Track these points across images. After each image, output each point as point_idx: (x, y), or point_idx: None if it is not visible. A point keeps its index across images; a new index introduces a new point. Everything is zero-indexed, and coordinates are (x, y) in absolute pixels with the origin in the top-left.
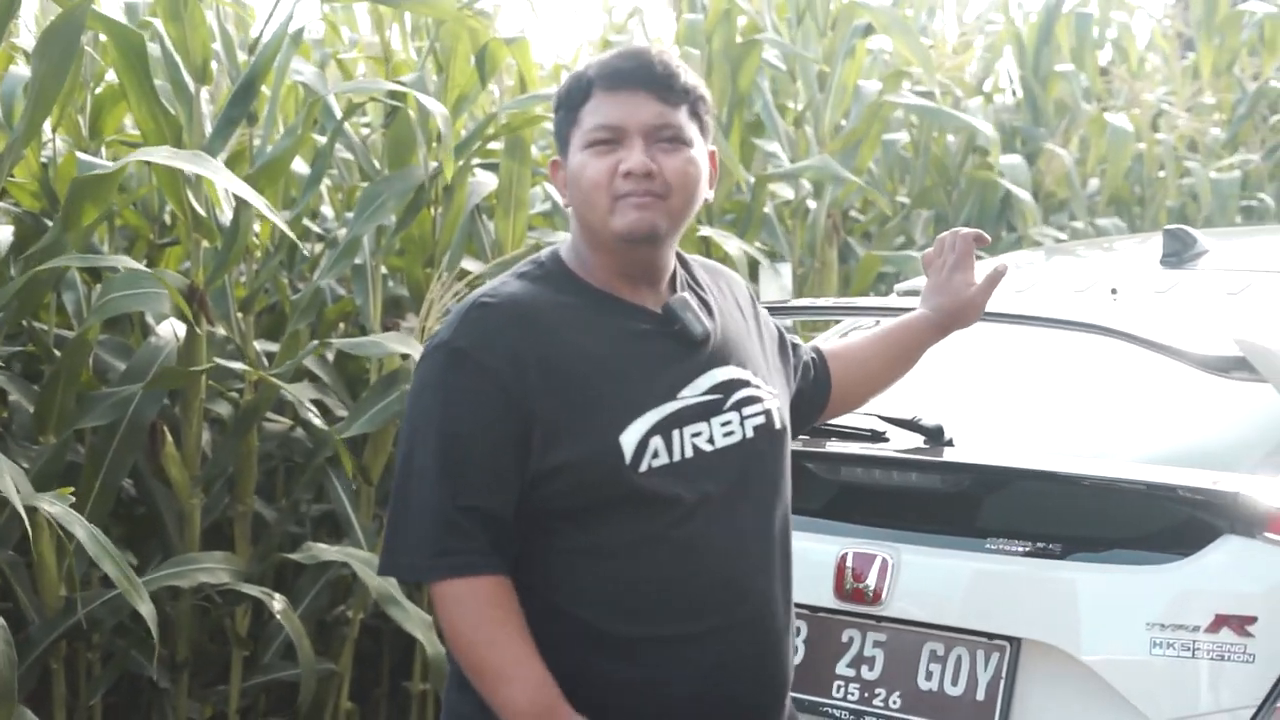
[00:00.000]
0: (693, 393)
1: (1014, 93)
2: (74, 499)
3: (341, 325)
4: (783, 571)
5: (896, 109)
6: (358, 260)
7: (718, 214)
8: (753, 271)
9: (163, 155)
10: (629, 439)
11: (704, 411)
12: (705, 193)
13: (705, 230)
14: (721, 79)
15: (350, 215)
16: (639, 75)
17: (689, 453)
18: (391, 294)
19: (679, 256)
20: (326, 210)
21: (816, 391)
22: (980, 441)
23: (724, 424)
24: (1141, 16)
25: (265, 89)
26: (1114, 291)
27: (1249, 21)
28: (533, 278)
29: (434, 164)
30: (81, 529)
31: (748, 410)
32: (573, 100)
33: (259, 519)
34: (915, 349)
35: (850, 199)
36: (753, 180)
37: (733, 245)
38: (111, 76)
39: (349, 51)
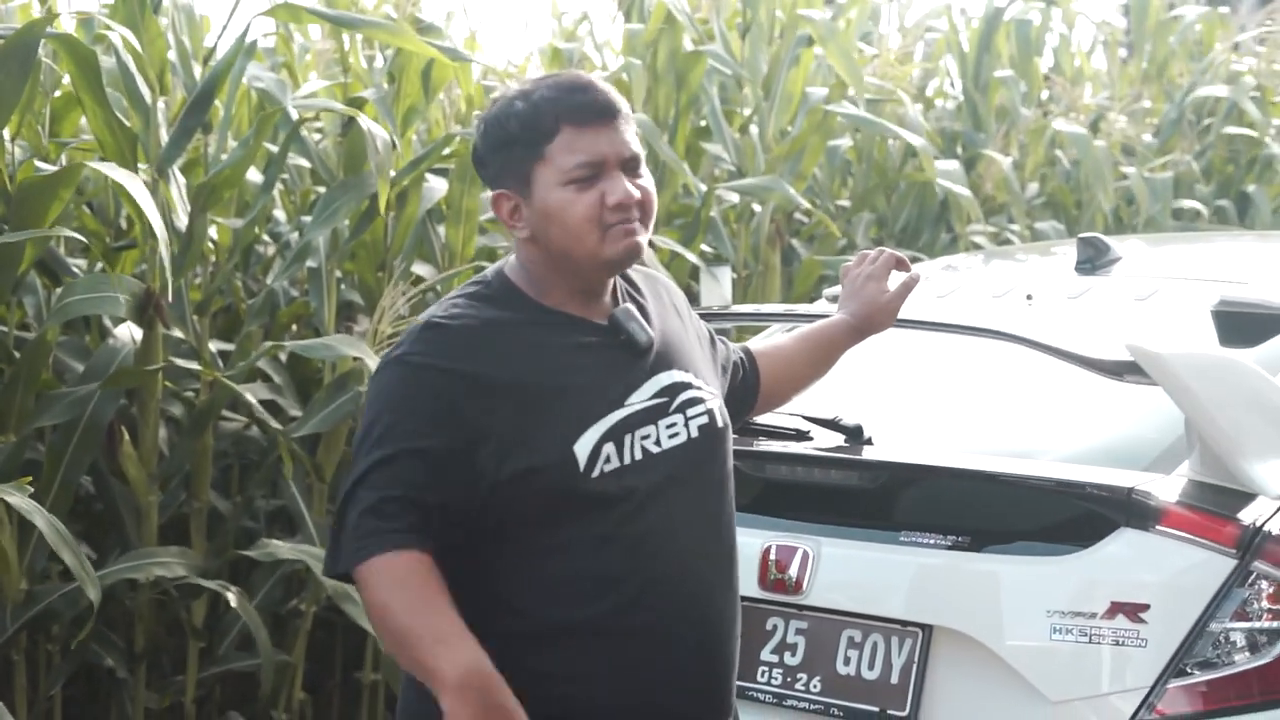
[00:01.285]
0: (640, 398)
1: (958, 98)
2: (33, 490)
3: (294, 327)
4: (728, 564)
5: (855, 120)
6: (313, 264)
7: (665, 219)
8: (694, 276)
9: (109, 169)
10: (582, 447)
11: (651, 415)
12: None
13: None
14: (668, 88)
15: (305, 219)
16: (605, 108)
17: (638, 455)
18: (344, 298)
19: None
20: (279, 214)
21: (745, 390)
22: (897, 440)
23: (669, 425)
24: (1085, 23)
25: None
26: (1029, 297)
27: (1182, 28)
28: (482, 298)
29: (391, 172)
30: (42, 519)
31: (692, 411)
32: (533, 136)
33: (215, 515)
34: (834, 351)
35: (795, 203)
36: (704, 188)
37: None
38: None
39: (302, 57)
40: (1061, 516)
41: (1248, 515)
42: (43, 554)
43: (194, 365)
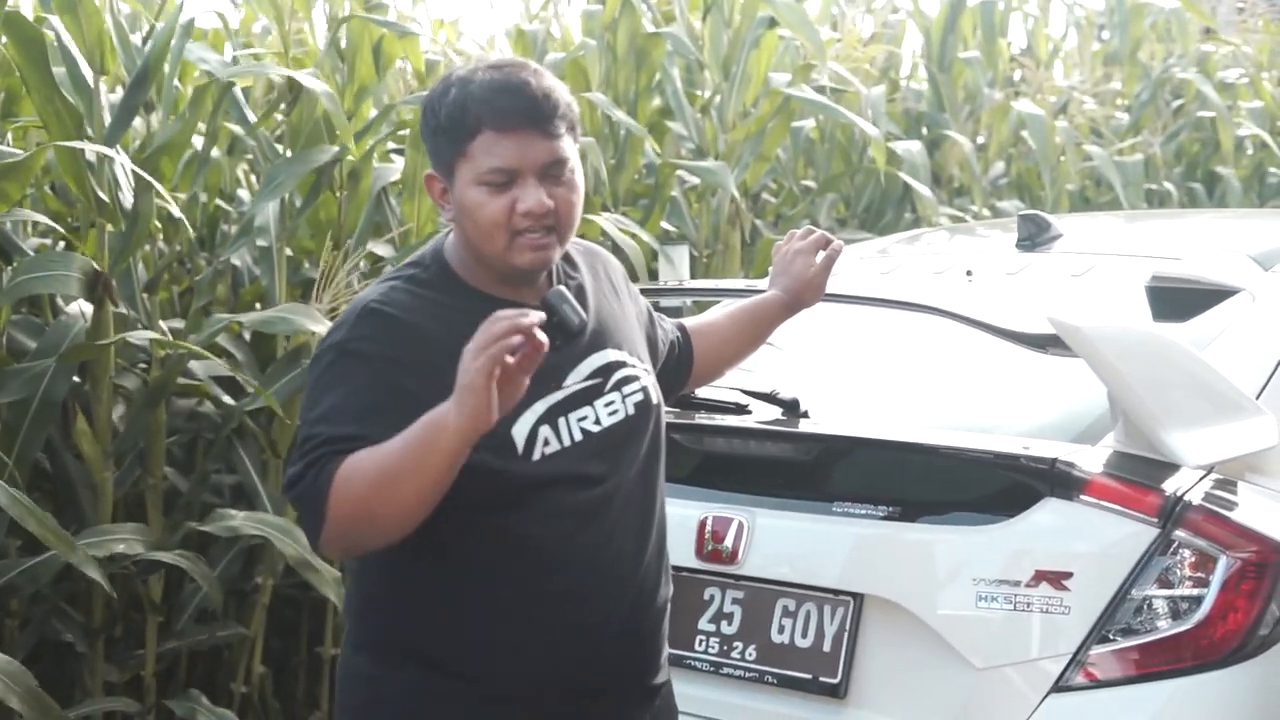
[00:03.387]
0: (575, 379)
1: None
2: None
3: (258, 305)
4: (659, 536)
5: (808, 104)
6: (263, 242)
7: (629, 198)
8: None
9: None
10: (519, 430)
11: (588, 396)
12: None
13: (605, 217)
14: (628, 69)
15: None
16: (528, 115)
17: (577, 436)
18: (306, 277)
19: None
20: (244, 194)
21: (680, 366)
22: (832, 414)
23: (607, 404)
24: (1058, 4)
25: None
26: (969, 274)
27: (1154, 11)
28: (418, 281)
29: (335, 148)
30: (3, 494)
31: (628, 389)
32: (457, 132)
33: (175, 491)
34: (767, 327)
35: (761, 182)
36: (657, 160)
37: (609, 224)
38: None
39: (264, 39)
40: (989, 487)
41: (1170, 485)
42: (1, 529)
43: (146, 337)
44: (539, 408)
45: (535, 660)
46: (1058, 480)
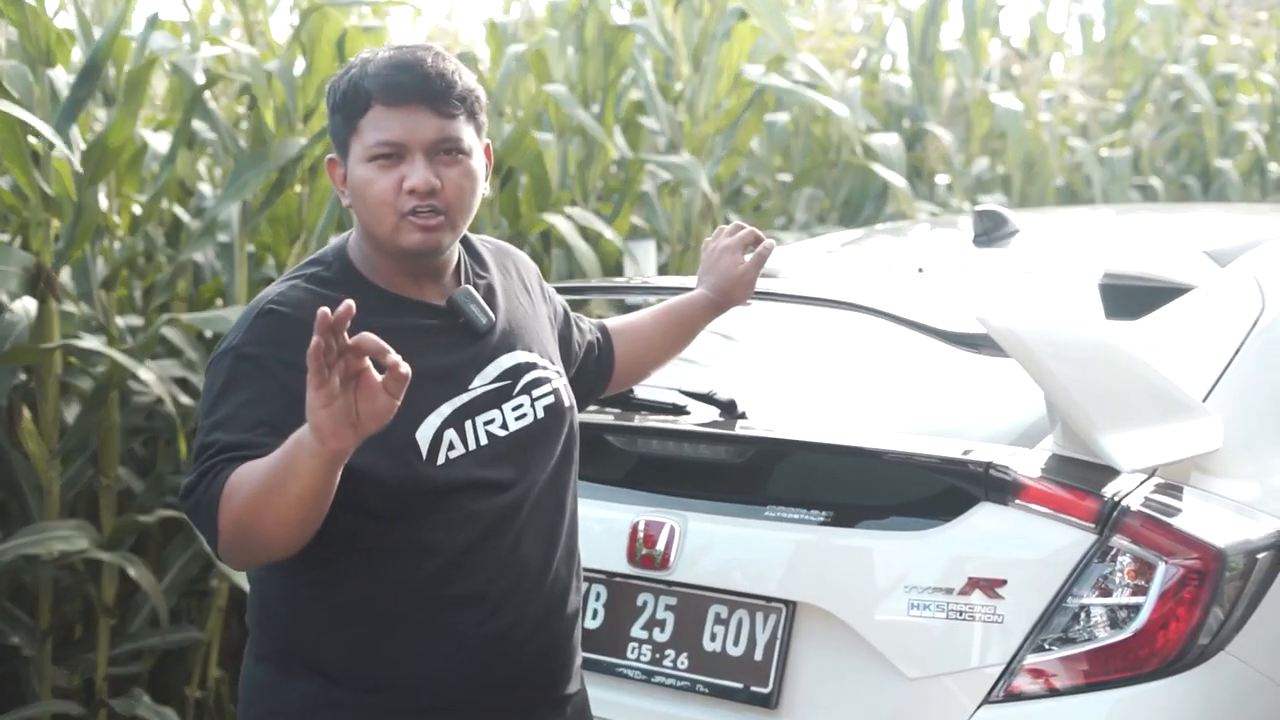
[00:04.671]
0: (482, 381)
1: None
2: None
3: (219, 302)
4: (571, 540)
5: (780, 91)
6: (225, 238)
7: (597, 192)
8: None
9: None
10: (424, 434)
11: (495, 398)
12: (483, 190)
13: (570, 213)
14: (596, 61)
15: None
16: (418, 90)
17: (483, 440)
18: (266, 275)
19: (465, 240)
20: (205, 189)
21: (600, 368)
22: (770, 415)
23: (515, 408)
24: None
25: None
26: (920, 270)
27: (1148, 4)
28: (320, 280)
29: (300, 142)
30: None
31: (537, 392)
32: (350, 109)
33: (132, 491)
34: (694, 326)
35: (740, 177)
36: (627, 154)
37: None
38: None
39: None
40: (923, 491)
41: (1109, 490)
42: None
43: (91, 343)
44: (444, 410)
45: (439, 670)
46: (993, 484)
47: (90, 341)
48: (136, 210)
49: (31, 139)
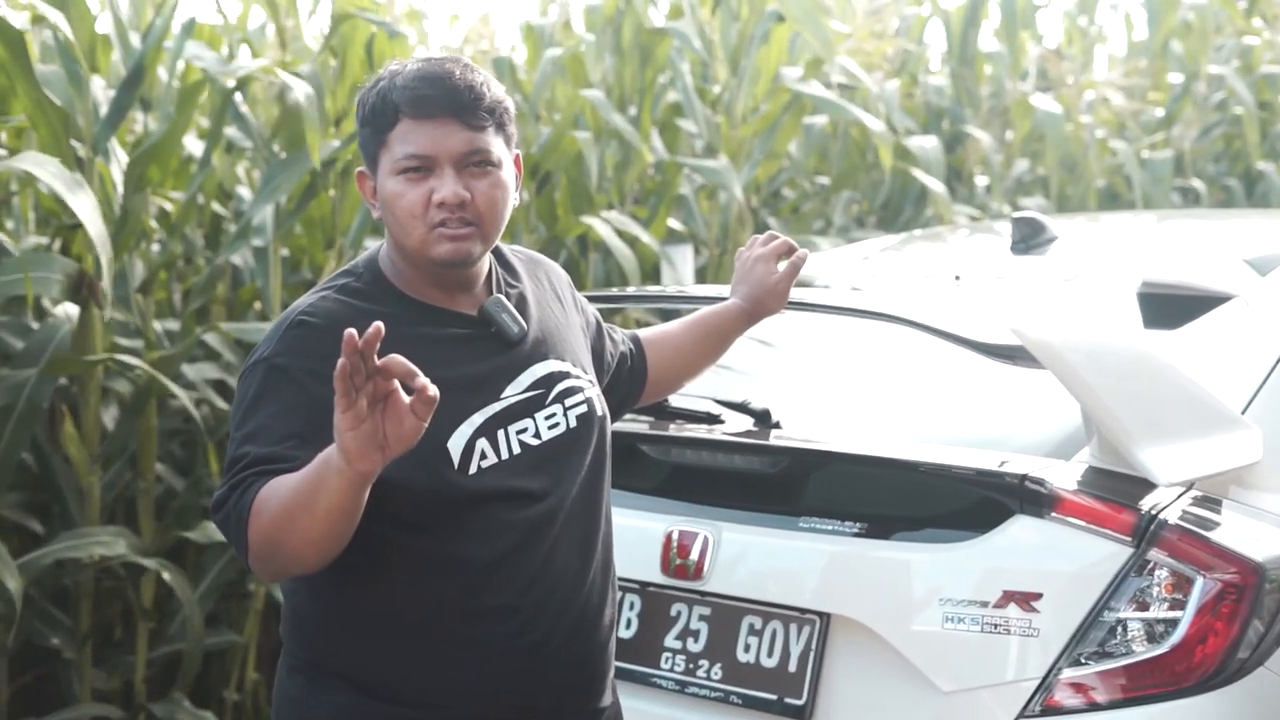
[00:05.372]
0: (515, 390)
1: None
2: None
3: (257, 305)
4: (603, 555)
5: (815, 100)
6: (259, 242)
7: (634, 195)
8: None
9: (28, 161)
10: (455, 443)
11: (528, 408)
12: (513, 201)
13: (607, 216)
14: (633, 64)
15: None
16: (446, 103)
17: (517, 449)
18: (301, 278)
19: (496, 250)
20: (244, 192)
21: (634, 379)
22: (804, 425)
23: (548, 417)
24: None
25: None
26: (957, 278)
27: (1187, 3)
28: (351, 290)
29: (332, 145)
30: None
31: (570, 401)
32: (379, 122)
33: (170, 494)
34: (727, 336)
35: (777, 179)
36: (658, 157)
37: (604, 228)
38: None
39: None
40: (958, 503)
41: (1146, 503)
42: None
43: (126, 355)
44: (476, 419)
45: (471, 683)
46: (1028, 497)
47: (129, 356)
48: (167, 206)
49: (74, 144)
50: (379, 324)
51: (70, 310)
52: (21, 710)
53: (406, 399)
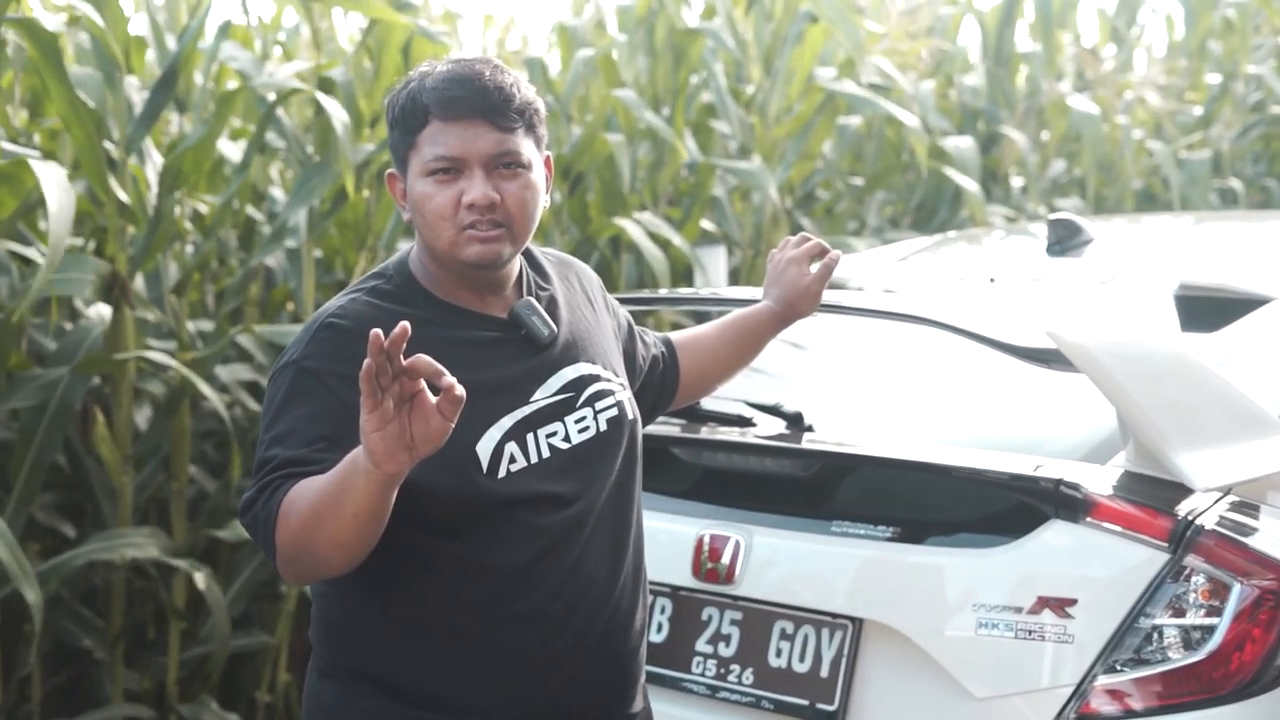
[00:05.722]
0: (545, 394)
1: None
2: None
3: (290, 306)
4: (634, 560)
5: (849, 98)
6: (292, 243)
7: (668, 196)
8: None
9: (45, 168)
10: (484, 447)
11: (558, 411)
12: (544, 203)
13: (639, 218)
14: (666, 65)
15: None
16: (475, 105)
17: (546, 453)
18: (335, 280)
19: (526, 252)
20: (277, 193)
21: (665, 382)
22: (836, 428)
23: (578, 420)
24: None
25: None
26: (992, 280)
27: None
28: (380, 293)
29: (367, 147)
30: None
31: (600, 404)
32: (408, 124)
33: (203, 495)
34: (759, 338)
35: (812, 180)
36: (695, 157)
37: (636, 229)
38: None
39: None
40: (992, 508)
41: (1183, 508)
42: (16, 531)
43: (158, 354)
44: (505, 423)
45: (500, 688)
46: (1063, 501)
47: (161, 354)
48: (203, 208)
49: (108, 145)
50: (405, 324)
51: (103, 311)
52: (55, 710)
53: (433, 399)
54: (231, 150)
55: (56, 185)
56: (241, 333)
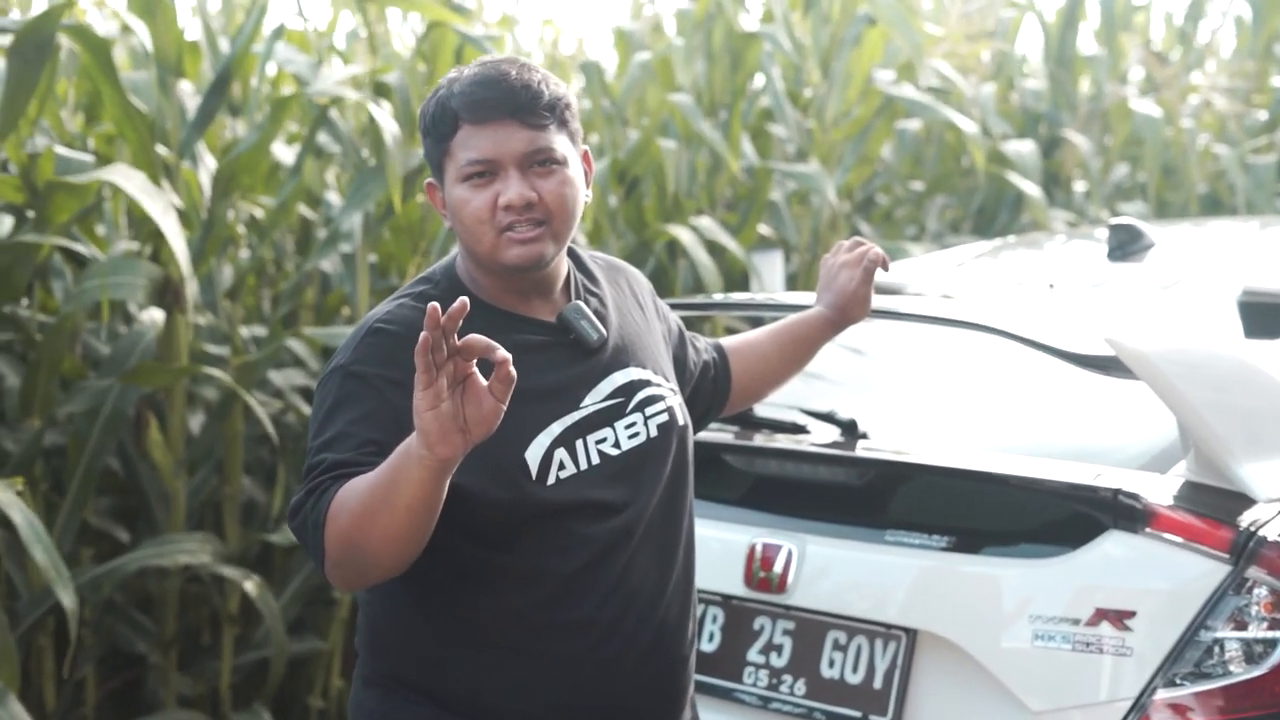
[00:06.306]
0: (594, 399)
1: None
2: (25, 488)
3: (345, 310)
4: (684, 569)
5: (907, 103)
6: (347, 248)
7: (726, 200)
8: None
9: (116, 174)
10: (533, 454)
11: (608, 416)
12: (584, 197)
13: (695, 223)
14: (723, 69)
15: None
16: (504, 105)
17: (596, 459)
18: (390, 284)
19: (574, 256)
20: (333, 197)
21: (717, 388)
22: (891, 435)
23: (628, 426)
24: None
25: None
26: (1051, 286)
27: None
28: (428, 298)
29: (421, 152)
30: (19, 515)
31: (651, 409)
32: (440, 131)
33: (257, 498)
34: (812, 344)
35: (870, 184)
36: (748, 162)
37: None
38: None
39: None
40: (1049, 517)
41: (1245, 519)
42: (69, 536)
43: (209, 364)
44: (554, 429)
45: (547, 697)
46: (1122, 511)
47: (212, 366)
48: (259, 213)
49: (161, 150)
50: (464, 299)
51: (156, 316)
52: (109, 715)
53: (484, 382)
54: (286, 154)
55: (145, 191)
56: (291, 337)
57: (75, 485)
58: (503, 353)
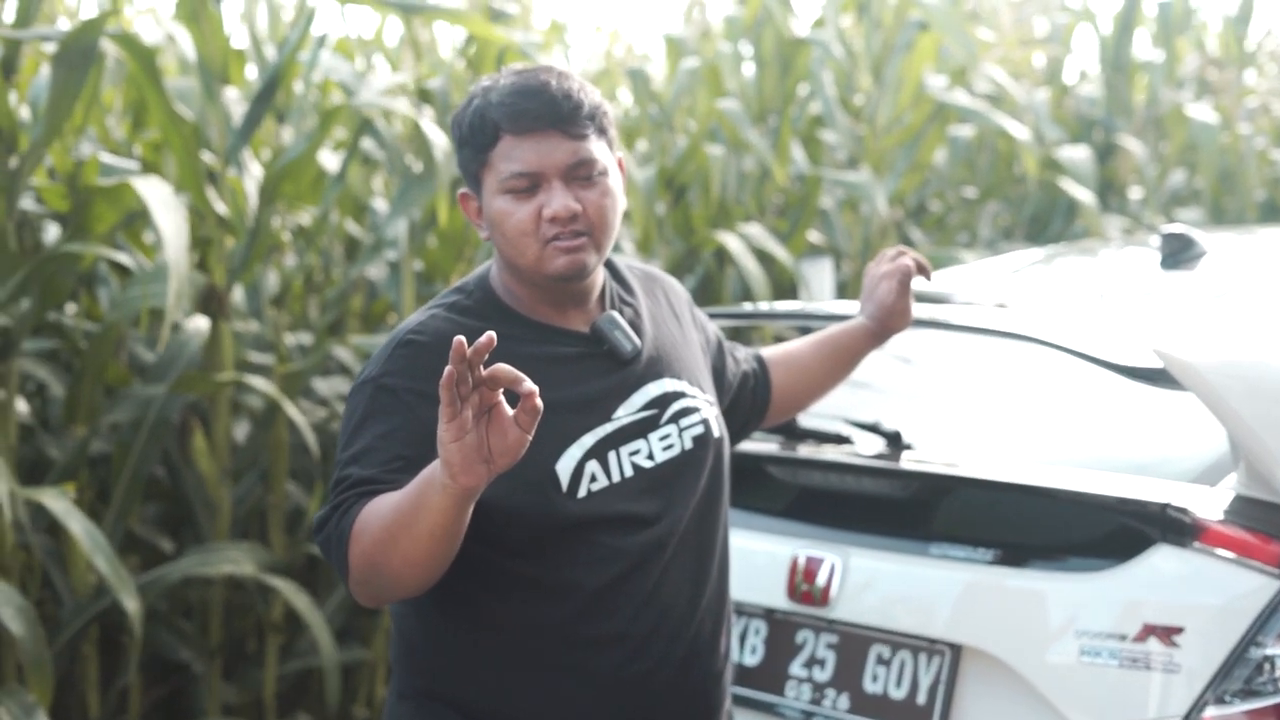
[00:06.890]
0: (627, 411)
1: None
2: (75, 495)
3: (391, 318)
4: (718, 583)
5: (959, 110)
6: (392, 255)
7: (776, 207)
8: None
9: (150, 186)
10: (564, 466)
11: (641, 428)
12: (622, 206)
13: (744, 230)
14: (773, 75)
15: None
16: (547, 116)
17: (629, 472)
18: (435, 291)
19: (610, 266)
20: (380, 204)
21: (757, 399)
22: (936, 447)
23: (663, 438)
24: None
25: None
26: (1101, 295)
27: None
28: (460, 309)
29: None
30: (78, 524)
31: (685, 421)
32: (479, 141)
33: (303, 507)
34: (854, 355)
35: (923, 191)
36: (799, 171)
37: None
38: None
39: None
40: (1097, 531)
41: None
42: (114, 544)
43: (254, 374)
44: (586, 441)
45: (580, 712)
46: (1170, 525)
47: (256, 375)
48: (306, 220)
49: (207, 157)
50: (491, 333)
51: (201, 324)
52: None
53: (510, 411)
54: (332, 161)
55: (164, 204)
56: (335, 345)
57: (120, 493)
58: (529, 385)
